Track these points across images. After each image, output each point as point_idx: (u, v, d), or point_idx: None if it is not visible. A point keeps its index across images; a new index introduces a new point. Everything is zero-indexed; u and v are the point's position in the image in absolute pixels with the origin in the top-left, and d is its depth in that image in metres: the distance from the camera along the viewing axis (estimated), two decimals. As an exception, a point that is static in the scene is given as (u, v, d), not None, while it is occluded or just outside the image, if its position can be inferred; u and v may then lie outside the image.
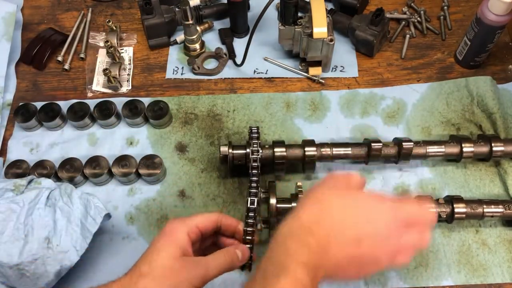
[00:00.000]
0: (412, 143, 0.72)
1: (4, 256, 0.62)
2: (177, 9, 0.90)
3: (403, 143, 0.72)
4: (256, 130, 0.71)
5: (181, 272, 0.52)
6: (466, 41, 0.82)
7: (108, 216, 0.69)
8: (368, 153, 0.73)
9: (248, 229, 0.58)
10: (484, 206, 0.68)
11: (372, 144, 0.72)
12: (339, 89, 0.85)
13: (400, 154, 0.72)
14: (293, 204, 0.66)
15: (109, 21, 0.88)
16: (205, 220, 0.57)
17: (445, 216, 0.68)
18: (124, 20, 0.95)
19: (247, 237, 0.58)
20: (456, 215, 0.67)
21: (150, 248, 0.55)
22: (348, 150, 0.73)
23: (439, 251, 0.70)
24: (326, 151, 0.73)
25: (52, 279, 0.63)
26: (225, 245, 0.61)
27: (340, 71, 0.87)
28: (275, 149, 0.72)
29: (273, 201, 0.66)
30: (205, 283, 0.53)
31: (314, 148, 0.72)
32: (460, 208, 0.67)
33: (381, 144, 0.72)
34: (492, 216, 0.68)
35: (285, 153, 0.72)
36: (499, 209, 0.68)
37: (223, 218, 0.59)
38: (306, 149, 0.72)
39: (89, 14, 0.95)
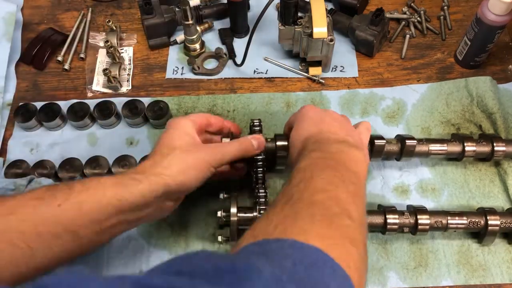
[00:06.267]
0: (415, 141, 0.72)
1: (4, 256, 0.62)
2: (177, 9, 0.90)
3: (406, 140, 0.71)
4: (258, 123, 0.70)
5: (199, 152, 0.59)
6: (466, 41, 0.82)
7: (108, 216, 0.69)
8: (371, 150, 0.72)
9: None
10: (448, 218, 0.67)
11: (375, 141, 0.71)
12: (339, 89, 0.85)
13: (403, 151, 0.72)
14: (254, 214, 0.66)
15: (109, 21, 0.88)
16: (199, 117, 0.65)
17: (408, 230, 0.68)
18: (124, 20, 0.95)
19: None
20: (420, 227, 0.67)
21: (162, 140, 0.60)
22: None
23: (439, 251, 0.70)
24: None
25: (52, 279, 0.63)
26: None
27: (340, 71, 0.87)
28: (278, 143, 0.70)
29: (233, 210, 0.65)
30: (220, 166, 0.61)
31: None
32: (424, 220, 0.67)
33: (384, 141, 0.72)
34: (456, 229, 0.68)
35: (287, 145, 0.70)
36: (463, 220, 0.67)
37: (210, 116, 0.67)
38: None
39: (89, 14, 0.95)
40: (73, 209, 0.49)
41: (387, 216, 0.67)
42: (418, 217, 0.66)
